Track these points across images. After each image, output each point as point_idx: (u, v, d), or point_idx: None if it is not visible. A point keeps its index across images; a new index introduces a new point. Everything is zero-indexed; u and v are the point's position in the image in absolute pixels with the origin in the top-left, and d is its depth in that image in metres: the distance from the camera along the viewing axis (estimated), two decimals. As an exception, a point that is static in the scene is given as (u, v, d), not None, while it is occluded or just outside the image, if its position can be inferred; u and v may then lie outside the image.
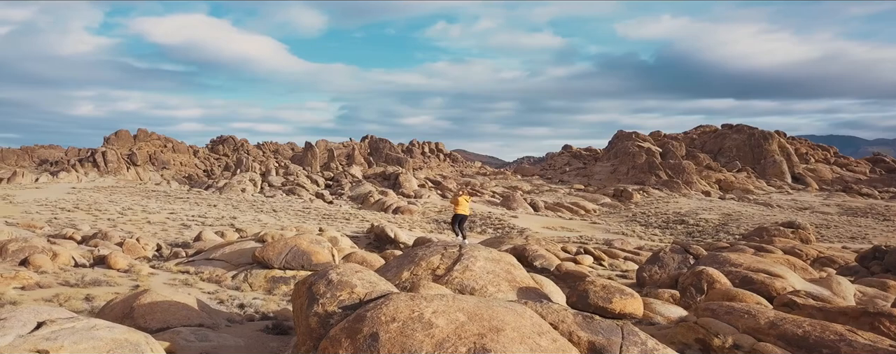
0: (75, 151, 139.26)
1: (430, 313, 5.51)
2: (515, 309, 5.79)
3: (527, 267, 28.81)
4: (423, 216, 73.46)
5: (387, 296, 5.86)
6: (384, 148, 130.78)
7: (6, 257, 21.68)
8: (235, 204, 69.71)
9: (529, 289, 8.81)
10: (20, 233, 39.92)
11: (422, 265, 9.58)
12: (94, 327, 5.11)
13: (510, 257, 9.85)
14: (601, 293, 7.57)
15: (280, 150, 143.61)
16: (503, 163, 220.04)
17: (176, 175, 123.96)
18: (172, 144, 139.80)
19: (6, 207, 53.87)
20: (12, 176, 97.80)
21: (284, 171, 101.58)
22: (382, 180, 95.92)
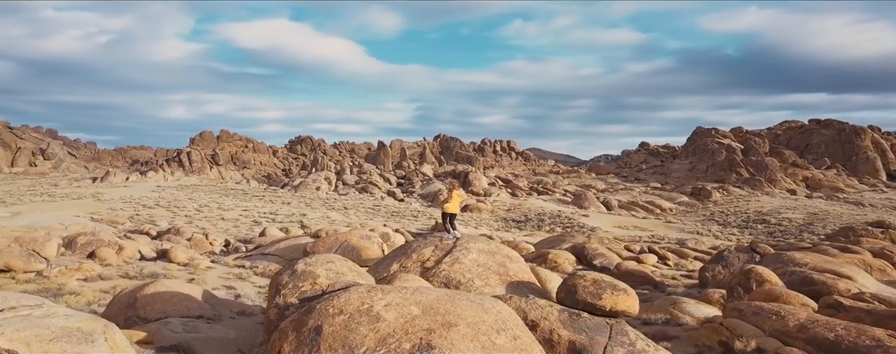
0: (163, 152, 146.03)
1: (381, 306, 5.24)
2: (482, 304, 5.44)
3: (586, 265, 28.12)
4: (491, 214, 73.03)
5: (345, 288, 5.63)
6: (455, 146, 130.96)
7: (75, 250, 22.76)
8: (308, 202, 71.33)
9: (523, 284, 8.38)
10: (101, 228, 42.14)
11: (412, 257, 9.32)
12: (50, 315, 5.13)
13: (509, 250, 9.40)
14: (591, 288, 7.05)
15: (355, 150, 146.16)
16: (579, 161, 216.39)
17: (256, 174, 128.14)
18: (253, 144, 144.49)
19: (95, 204, 56.99)
20: (105, 175, 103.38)
21: (358, 170, 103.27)
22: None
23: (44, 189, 76.40)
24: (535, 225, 63.76)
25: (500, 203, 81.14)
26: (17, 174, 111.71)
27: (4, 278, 18.84)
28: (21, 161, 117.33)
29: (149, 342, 6.84)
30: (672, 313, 10.02)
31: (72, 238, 23.37)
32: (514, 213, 73.58)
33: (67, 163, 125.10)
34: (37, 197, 62.41)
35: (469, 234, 11.80)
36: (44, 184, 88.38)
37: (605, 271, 26.85)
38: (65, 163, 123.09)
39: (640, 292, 22.54)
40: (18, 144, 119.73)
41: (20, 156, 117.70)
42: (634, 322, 9.03)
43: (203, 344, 6.91)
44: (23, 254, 19.16)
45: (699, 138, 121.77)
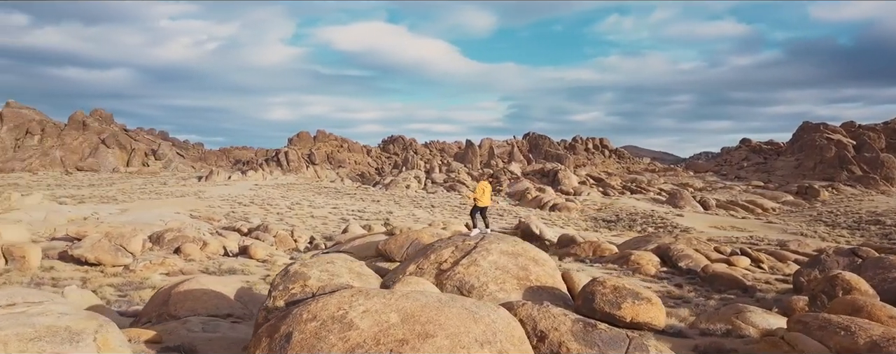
0: (263, 152, 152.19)
1: (358, 312, 4.90)
2: (475, 313, 5.00)
3: (671, 267, 26.77)
4: (581, 213, 71.43)
5: (329, 292, 5.33)
6: (544, 144, 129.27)
7: (163, 245, 23.80)
8: (397, 200, 72.26)
9: (544, 289, 7.76)
10: (198, 225, 44.19)
11: (431, 258, 8.90)
12: (43, 313, 5.14)
13: (537, 252, 8.76)
14: (610, 296, 6.39)
15: (445, 149, 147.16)
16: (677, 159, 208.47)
17: (350, 173, 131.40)
18: (347, 144, 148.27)
19: (195, 202, 60.00)
20: (209, 174, 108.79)
21: (447, 169, 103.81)
22: (541, 177, 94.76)
23: (153, 187, 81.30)
24: (626, 224, 61.82)
25: (591, 202, 79.29)
26: (132, 173, 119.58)
27: (94, 271, 19.94)
28: (135, 161, 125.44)
29: (157, 341, 6.86)
30: (734, 323, 9.13)
31: (160, 234, 24.45)
32: (605, 213, 71.67)
33: (176, 162, 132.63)
34: (144, 195, 66.40)
35: (497, 234, 11.20)
36: (154, 183, 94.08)
37: (690, 274, 25.51)
38: (174, 163, 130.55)
39: (726, 297, 21.19)
40: (133, 146, 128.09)
41: (134, 157, 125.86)
42: (690, 333, 8.30)
43: (210, 345, 6.86)
44: (111, 249, 20.17)
45: (806, 134, 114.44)
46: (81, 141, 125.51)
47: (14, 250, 19.78)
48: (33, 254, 20.02)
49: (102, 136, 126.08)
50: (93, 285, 18.08)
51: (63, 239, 24.47)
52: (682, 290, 21.82)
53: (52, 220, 41.26)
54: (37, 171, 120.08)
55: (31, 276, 18.72)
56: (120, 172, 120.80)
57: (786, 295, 19.77)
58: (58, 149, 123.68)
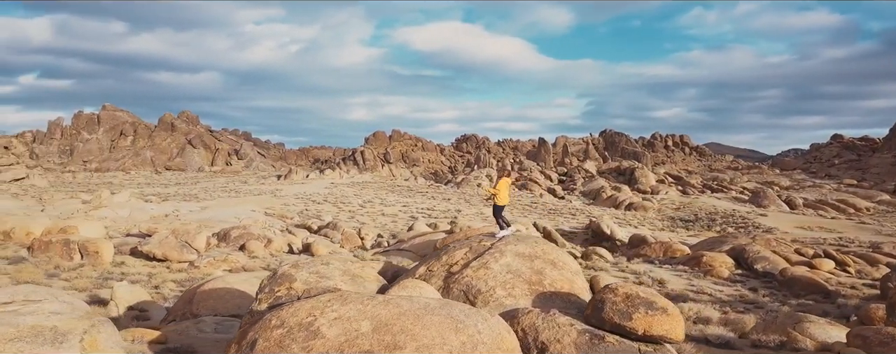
0: (341, 151, 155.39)
1: (329, 319, 4.60)
2: (461, 322, 4.60)
3: (746, 269, 25.33)
4: (658, 213, 69.20)
5: (306, 297, 5.03)
6: (620, 142, 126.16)
7: (229, 242, 24.39)
8: (467, 199, 72.07)
9: (558, 295, 7.15)
10: (271, 222, 45.34)
11: (442, 259, 8.45)
12: (34, 312, 5.11)
13: (558, 255, 8.12)
14: (621, 305, 5.76)
15: (519, 147, 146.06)
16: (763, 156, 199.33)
17: (424, 172, 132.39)
18: (422, 143, 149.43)
19: (271, 200, 61.67)
20: (288, 173, 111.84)
21: (519, 167, 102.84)
22: (617, 175, 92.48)
23: (233, 186, 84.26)
24: (704, 224, 59.44)
25: (669, 201, 76.74)
26: (216, 172, 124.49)
27: (161, 266, 20.61)
28: (219, 161, 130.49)
29: (162, 342, 6.81)
30: (790, 334, 8.30)
31: (226, 231, 25.06)
32: (683, 212, 69.18)
33: (257, 162, 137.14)
34: (224, 194, 68.83)
35: (524, 234, 10.50)
36: (235, 182, 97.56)
37: (767, 277, 24.04)
38: (255, 163, 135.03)
39: (803, 302, 19.80)
40: (217, 146, 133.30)
41: (218, 157, 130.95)
42: (740, 344, 7.59)
43: (211, 347, 6.75)
44: (177, 246, 20.78)
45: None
46: (170, 141, 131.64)
47: (89, 245, 20.64)
48: (106, 250, 20.82)
49: (189, 137, 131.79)
50: (157, 280, 18.65)
51: (137, 235, 25.48)
52: (757, 295, 20.57)
53: (135, 217, 43.28)
54: (129, 171, 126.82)
55: (101, 271, 19.47)
56: (205, 171, 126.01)
57: (870, 303, 18.29)
58: (148, 149, 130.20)
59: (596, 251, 28.36)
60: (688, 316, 13.38)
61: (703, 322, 13.04)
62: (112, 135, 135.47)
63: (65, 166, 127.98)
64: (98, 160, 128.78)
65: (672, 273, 24.29)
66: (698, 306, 14.55)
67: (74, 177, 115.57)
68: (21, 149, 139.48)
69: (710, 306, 16.00)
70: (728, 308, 16.19)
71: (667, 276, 23.31)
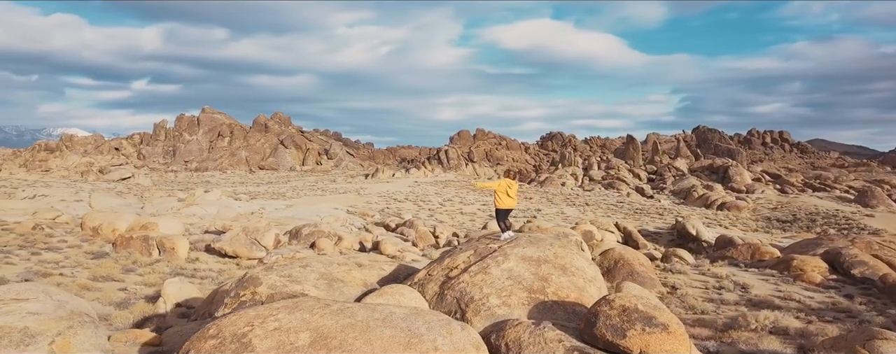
0: (426, 150, 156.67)
1: (266, 330, 4.18)
2: (418, 336, 4.06)
3: (842, 275, 23.30)
4: (753, 213, 65.63)
5: (267, 302, 4.63)
6: (714, 139, 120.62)
7: (300, 240, 24.72)
8: (550, 198, 70.84)
9: (560, 305, 6.29)
10: (352, 220, 46.00)
11: (444, 262, 7.77)
12: (10, 312, 4.99)
13: (571, 259, 7.24)
14: (615, 320, 4.96)
15: (607, 144, 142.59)
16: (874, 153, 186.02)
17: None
18: (506, 142, 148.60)
19: (355, 198, 62.74)
20: (375, 172, 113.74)
21: (606, 165, 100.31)
22: (710, 173, 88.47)
23: (321, 184, 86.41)
24: (803, 225, 55.81)
25: (765, 200, 72.65)
26: (306, 171, 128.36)
27: (231, 263, 21.08)
28: (310, 160, 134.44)
29: (156, 344, 6.62)
30: (858, 353, 7.21)
31: (297, 229, 25.42)
32: (781, 212, 65.27)
33: (346, 161, 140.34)
34: (311, 192, 70.62)
35: (539, 236, 9.55)
36: (323, 180, 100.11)
37: (866, 283, 22.01)
38: (344, 162, 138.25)
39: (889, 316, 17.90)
40: (308, 146, 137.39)
41: (309, 156, 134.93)
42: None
43: None
44: (247, 243, 21.20)
45: None
46: (263, 142, 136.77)
47: (166, 242, 21.37)
48: (181, 246, 21.49)
49: (281, 138, 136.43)
50: (225, 276, 19.03)
51: (214, 232, 26.26)
52: (852, 302, 18.79)
53: (222, 214, 44.96)
54: (226, 170, 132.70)
55: (175, 266, 20.07)
56: (296, 171, 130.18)
57: None
58: (243, 149, 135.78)
59: (676, 252, 26.95)
60: (762, 325, 12.30)
61: (780, 333, 11.97)
62: (211, 137, 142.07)
63: (168, 166, 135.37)
64: (198, 160, 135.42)
65: (758, 277, 22.69)
66: (777, 314, 13.36)
67: (176, 176, 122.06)
68: (130, 150, 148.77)
69: (791, 314, 14.72)
70: (814, 317, 14.82)
71: (751, 280, 21.78)
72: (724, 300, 18.47)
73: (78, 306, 5.78)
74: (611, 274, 21.59)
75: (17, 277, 15.89)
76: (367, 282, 7.35)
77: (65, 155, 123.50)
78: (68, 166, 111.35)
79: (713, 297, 18.90)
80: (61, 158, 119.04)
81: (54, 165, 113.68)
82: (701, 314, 15.70)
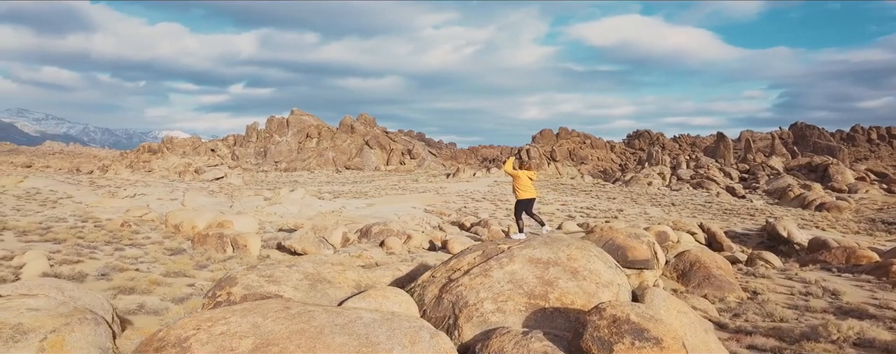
0: (508, 150, 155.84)
1: (211, 335, 3.92)
2: (372, 343, 3.68)
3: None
4: (855, 214, 61.43)
5: (229, 305, 4.39)
6: (812, 136, 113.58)
7: (370, 238, 24.90)
8: (634, 198, 68.81)
9: (563, 312, 5.63)
10: (429, 218, 46.14)
11: (449, 264, 7.23)
12: (8, 308, 4.97)
13: (586, 262, 6.51)
14: (603, 332, 4.35)
15: (697, 143, 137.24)
16: None
17: (592, 169, 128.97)
18: (590, 141, 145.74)
19: (433, 197, 63.02)
20: (456, 171, 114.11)
21: (695, 164, 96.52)
22: (808, 172, 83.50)
23: (403, 184, 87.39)
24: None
25: (869, 201, 67.86)
26: (390, 171, 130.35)
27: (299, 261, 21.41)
28: (393, 160, 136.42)
29: None
30: None
31: (368, 227, 25.61)
32: (887, 213, 60.76)
33: (429, 161, 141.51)
34: (392, 191, 71.51)
35: (557, 236, 8.85)
36: (406, 180, 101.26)
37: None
38: (426, 162, 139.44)
39: None
40: (391, 146, 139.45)
41: (393, 156, 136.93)
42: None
43: None
44: (315, 241, 21.51)
45: None
46: (349, 143, 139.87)
47: (239, 239, 21.98)
48: (253, 244, 22.03)
49: (366, 138, 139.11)
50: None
51: (287, 230, 26.85)
52: (959, 313, 17.07)
53: (303, 213, 46.12)
54: (314, 170, 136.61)
55: (246, 263, 20.59)
56: (380, 170, 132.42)
57: None
58: (330, 150, 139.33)
59: (762, 255, 25.38)
60: (844, 336, 11.26)
61: (864, 346, 10.92)
62: (299, 138, 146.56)
63: (259, 166, 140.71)
64: (287, 160, 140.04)
65: (852, 283, 21.00)
66: (864, 324, 12.21)
67: (266, 175, 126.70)
68: (225, 151, 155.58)
69: (884, 325, 13.44)
70: (912, 329, 13.47)
71: (844, 287, 20.17)
72: (810, 307, 17.17)
73: (89, 303, 5.83)
74: (686, 277, 20.54)
75: (96, 272, 16.63)
76: (360, 284, 7.10)
77: (165, 156, 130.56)
78: (168, 166, 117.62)
79: (798, 304, 17.62)
80: (162, 159, 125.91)
81: (156, 166, 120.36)
82: (779, 322, 14.61)
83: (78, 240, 22.33)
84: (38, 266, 15.47)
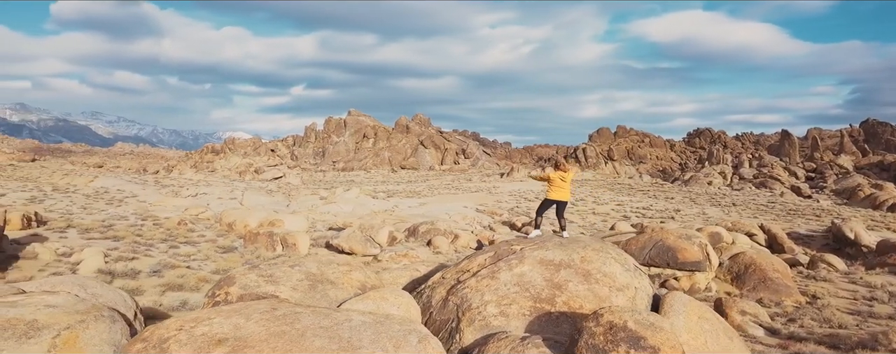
0: (564, 149, 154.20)
1: (191, 335, 3.85)
2: (355, 348, 3.54)
3: None
4: (931, 216, 58.21)
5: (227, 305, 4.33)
6: (885, 133, 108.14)
7: (417, 237, 24.96)
8: (693, 198, 67.00)
9: (571, 317, 5.29)
10: (481, 218, 46.00)
11: (460, 265, 6.95)
12: (25, 304, 4.98)
13: (602, 264, 6.10)
14: (599, 339, 4.03)
15: (761, 141, 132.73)
16: None
17: (651, 169, 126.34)
18: (649, 139, 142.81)
19: (486, 197, 62.82)
20: (510, 171, 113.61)
21: (758, 163, 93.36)
22: (880, 171, 79.68)
23: (457, 183, 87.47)
24: None
25: (947, 201, 64.22)
26: (444, 171, 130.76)
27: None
28: (448, 160, 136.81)
29: None
30: None
31: (415, 227, 25.69)
32: (967, 215, 57.40)
33: (483, 161, 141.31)
34: (445, 190, 71.65)
35: (576, 237, 8.48)
36: (460, 179, 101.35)
37: None
38: (481, 162, 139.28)
39: None
40: (446, 146, 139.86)
41: (447, 156, 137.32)
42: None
43: None
44: (362, 240, 21.68)
45: None
46: (404, 143, 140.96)
47: (288, 238, 22.34)
48: (302, 242, 22.35)
49: (421, 138, 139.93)
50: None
51: (336, 229, 27.16)
52: None
53: (356, 212, 46.63)
54: (370, 170, 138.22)
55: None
56: (435, 170, 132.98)
57: None
58: (386, 150, 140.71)
59: (824, 258, 24.28)
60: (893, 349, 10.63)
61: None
62: (356, 138, 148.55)
63: (317, 166, 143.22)
64: (344, 160, 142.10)
65: (921, 288, 19.87)
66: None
67: (324, 175, 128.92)
68: (284, 151, 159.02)
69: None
70: (980, 338, 12.63)
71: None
72: (874, 313, 16.31)
73: (111, 300, 5.94)
74: (740, 279, 19.83)
75: (148, 269, 17.14)
76: (365, 285, 7.01)
77: (227, 156, 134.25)
78: (230, 166, 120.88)
79: (860, 309, 16.76)
80: (225, 159, 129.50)
81: (219, 166, 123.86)
82: (837, 328, 13.90)
83: (136, 238, 23.10)
84: (93, 262, 16.03)
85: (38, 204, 33.71)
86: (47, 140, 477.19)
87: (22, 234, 20.92)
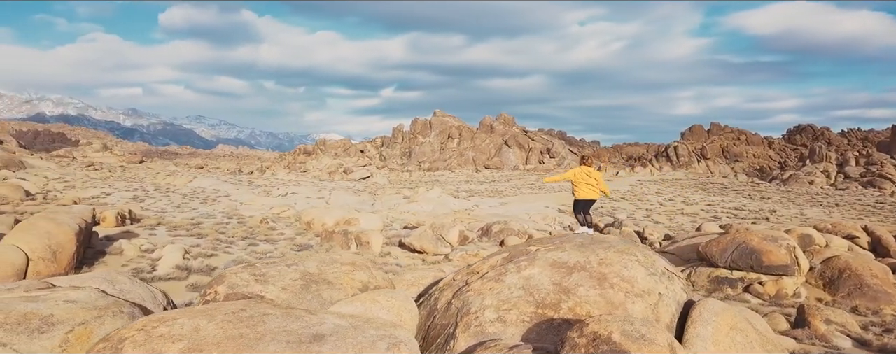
0: (654, 147, 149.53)
1: (150, 336, 3.68)
2: (310, 350, 3.28)
3: None
4: None
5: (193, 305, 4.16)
6: None
7: (490, 237, 24.75)
8: (792, 198, 63.34)
9: (572, 324, 4.80)
10: (563, 218, 45.19)
11: (473, 266, 6.48)
12: (46, 299, 4.99)
13: (621, 267, 5.42)
14: (581, 352, 3.55)
15: (869, 137, 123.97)
16: None
17: (747, 167, 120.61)
18: (746, 136, 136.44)
19: (568, 196, 61.63)
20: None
21: (866, 161, 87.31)
22: None
23: (541, 183, 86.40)
24: None
25: None
26: (529, 170, 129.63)
27: (418, 258, 21.68)
28: (532, 159, 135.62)
29: None
30: None
31: (488, 226, 25.47)
32: None
33: (569, 160, 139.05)
34: (528, 190, 70.98)
35: (600, 237, 7.74)
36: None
37: None
38: (567, 161, 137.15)
39: None
40: (530, 145, 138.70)
41: (531, 155, 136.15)
42: None
43: None
44: (433, 239, 21.68)
45: None
46: (488, 142, 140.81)
47: (362, 236, 22.64)
48: (376, 241, 22.60)
49: (505, 138, 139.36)
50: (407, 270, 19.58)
51: (410, 228, 27.29)
52: None
53: (436, 211, 46.83)
54: (455, 169, 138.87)
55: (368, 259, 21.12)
56: (519, 169, 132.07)
57: None
58: (470, 150, 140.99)
59: (926, 264, 22.22)
60: None
61: None
62: (441, 138, 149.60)
63: (404, 166, 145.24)
64: (430, 160, 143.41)
65: None
66: None
67: (410, 175, 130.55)
68: (373, 152, 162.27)
69: None
70: None
71: None
72: None
73: (139, 296, 6.05)
74: (833, 285, 18.43)
75: (223, 265, 17.69)
76: (367, 286, 6.78)
77: (319, 157, 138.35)
78: (321, 167, 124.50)
79: (971, 321, 15.22)
80: (316, 160, 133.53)
81: (310, 166, 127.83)
82: (937, 341, 12.63)
83: (219, 235, 24.00)
84: (172, 258, 16.68)
85: (138, 203, 35.67)
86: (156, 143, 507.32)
87: (115, 231, 22.14)
